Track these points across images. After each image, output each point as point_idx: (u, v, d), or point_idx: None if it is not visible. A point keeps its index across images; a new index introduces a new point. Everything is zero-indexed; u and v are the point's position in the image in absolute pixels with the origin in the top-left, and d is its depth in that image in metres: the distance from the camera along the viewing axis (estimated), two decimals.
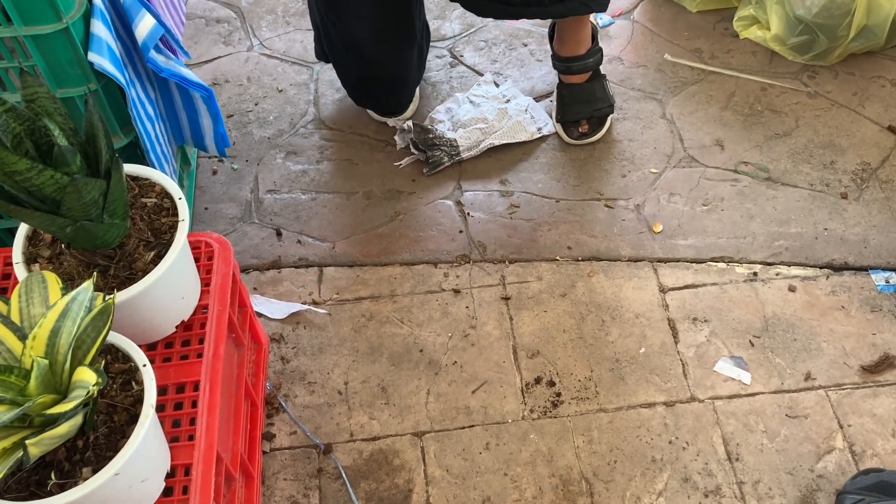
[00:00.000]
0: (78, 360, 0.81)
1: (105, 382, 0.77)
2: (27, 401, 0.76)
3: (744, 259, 1.50)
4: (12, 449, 0.76)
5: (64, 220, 0.88)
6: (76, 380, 0.79)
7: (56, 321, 0.80)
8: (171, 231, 0.99)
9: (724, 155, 1.66)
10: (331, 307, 1.45)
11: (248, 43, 1.90)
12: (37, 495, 0.80)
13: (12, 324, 0.81)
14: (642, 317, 1.42)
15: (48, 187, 0.85)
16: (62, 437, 0.78)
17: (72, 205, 0.86)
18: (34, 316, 0.84)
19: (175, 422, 0.99)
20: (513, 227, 1.55)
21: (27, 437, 0.75)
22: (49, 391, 0.79)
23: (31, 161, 0.83)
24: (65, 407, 0.75)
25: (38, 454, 0.76)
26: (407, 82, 1.67)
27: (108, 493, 0.83)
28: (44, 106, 0.87)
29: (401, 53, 1.61)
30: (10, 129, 0.86)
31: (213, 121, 1.34)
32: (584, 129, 1.66)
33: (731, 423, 1.29)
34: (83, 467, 0.82)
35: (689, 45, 1.87)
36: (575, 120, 1.66)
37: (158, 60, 1.18)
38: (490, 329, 1.41)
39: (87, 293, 0.81)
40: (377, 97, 1.69)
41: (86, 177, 0.86)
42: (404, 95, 1.69)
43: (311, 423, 1.30)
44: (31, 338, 0.80)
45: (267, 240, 1.54)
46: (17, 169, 0.82)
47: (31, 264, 0.97)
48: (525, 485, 1.24)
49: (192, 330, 1.07)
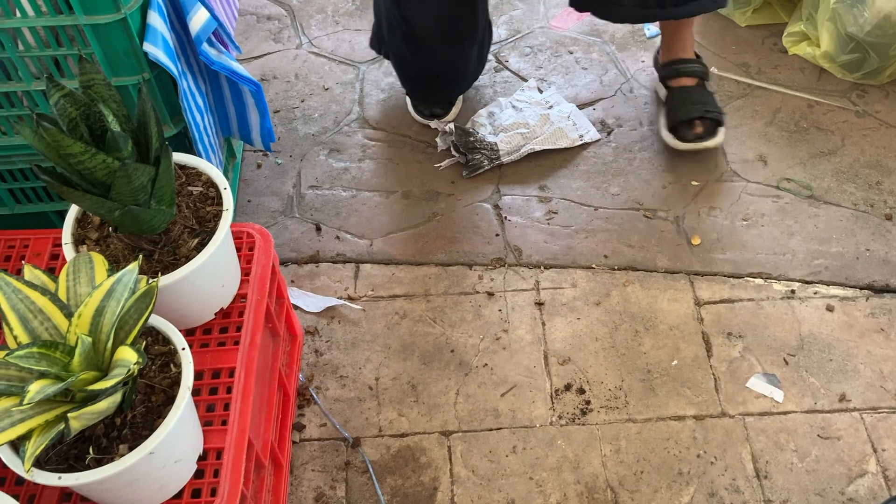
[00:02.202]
0: (120, 340, 0.83)
1: (145, 363, 0.79)
2: (70, 376, 0.78)
3: (782, 276, 1.48)
4: (54, 422, 0.79)
5: (113, 204, 0.90)
6: (117, 358, 0.82)
7: (101, 301, 0.83)
8: (216, 220, 1.01)
9: (767, 170, 1.64)
10: (366, 303, 1.46)
11: (297, 41, 1.93)
12: (74, 468, 0.83)
13: (59, 301, 0.84)
14: (676, 329, 1.41)
15: (100, 171, 0.88)
16: (102, 413, 0.80)
17: (121, 189, 0.89)
18: (80, 295, 0.87)
19: (209, 406, 1.01)
20: (550, 232, 1.55)
21: (69, 411, 0.78)
22: (91, 368, 0.81)
23: (86, 145, 0.86)
24: (106, 384, 0.77)
25: (79, 428, 0.78)
26: (464, 79, 1.69)
27: (142, 470, 0.85)
28: (99, 92, 0.90)
29: (461, 49, 1.62)
30: (67, 113, 0.89)
31: (260, 115, 1.37)
32: (699, 131, 1.61)
33: (760, 441, 1.28)
34: (120, 444, 0.84)
35: (736, 59, 1.86)
36: (688, 119, 1.61)
37: (210, 53, 1.21)
38: (522, 333, 1.42)
39: (131, 275, 0.83)
40: (432, 91, 1.70)
41: (136, 163, 0.89)
42: (459, 92, 1.71)
43: (341, 417, 1.32)
44: (77, 316, 0.82)
45: (306, 234, 1.56)
46: (72, 152, 0.85)
47: (79, 245, 1.00)
48: (550, 490, 1.24)
49: (231, 318, 1.09)
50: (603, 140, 1.70)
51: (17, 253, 1.17)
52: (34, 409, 0.78)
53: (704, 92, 1.66)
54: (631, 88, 1.79)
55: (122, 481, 0.85)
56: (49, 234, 1.19)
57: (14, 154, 1.21)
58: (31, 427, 0.77)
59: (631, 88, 1.79)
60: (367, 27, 1.94)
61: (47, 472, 0.81)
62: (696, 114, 1.62)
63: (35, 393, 0.74)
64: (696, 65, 1.67)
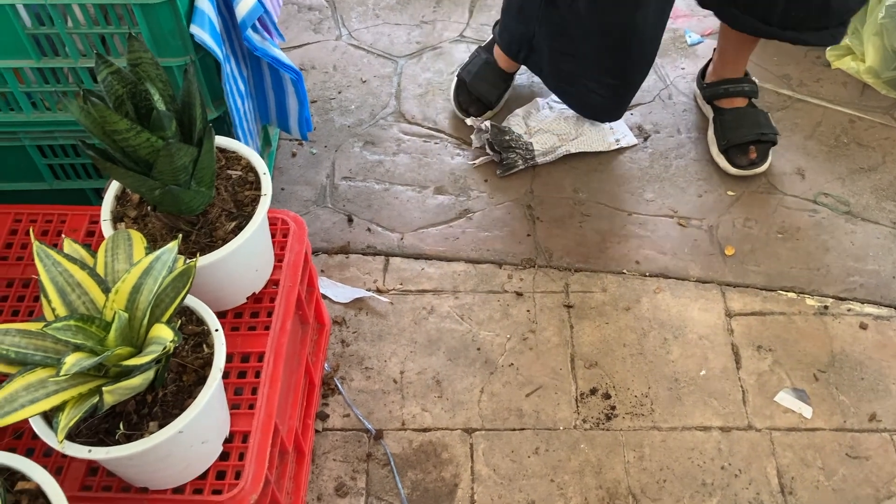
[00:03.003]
0: (155, 318, 0.83)
1: (180, 341, 0.80)
2: (105, 351, 0.79)
3: (815, 291, 1.46)
4: (87, 395, 0.79)
5: (154, 183, 0.91)
6: (152, 336, 0.82)
7: (139, 278, 0.83)
8: (253, 204, 1.01)
9: (805, 184, 1.62)
10: (394, 297, 1.46)
11: (337, 32, 1.93)
12: (104, 443, 0.84)
13: (97, 276, 0.85)
14: (706, 339, 1.40)
15: (143, 149, 0.88)
16: (135, 389, 0.81)
17: (163, 168, 0.90)
18: (118, 271, 0.87)
19: (237, 390, 1.02)
20: (581, 235, 1.54)
21: (102, 385, 0.78)
22: (125, 344, 0.81)
23: (131, 122, 0.86)
24: (141, 360, 0.78)
25: (112, 402, 0.79)
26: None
27: (170, 449, 0.85)
28: (147, 71, 0.90)
29: (655, 54, 1.56)
30: (114, 90, 0.89)
31: (299, 104, 1.37)
32: (753, 157, 1.60)
33: (787, 456, 1.27)
34: (150, 421, 0.85)
35: (777, 70, 1.84)
36: (742, 143, 1.60)
37: (254, 39, 1.21)
38: (549, 335, 1.41)
39: (170, 254, 0.84)
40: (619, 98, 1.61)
41: (179, 143, 0.89)
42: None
43: (365, 408, 1.32)
44: (114, 291, 0.83)
45: (338, 225, 1.56)
46: (118, 128, 0.86)
47: (118, 223, 1.00)
48: (571, 493, 1.23)
49: (262, 303, 1.09)
50: (639, 145, 1.68)
51: (55, 228, 1.18)
52: (68, 382, 0.79)
53: (757, 112, 1.64)
54: (670, 95, 1.78)
55: (151, 458, 0.85)
56: (86, 210, 1.20)
57: (56, 130, 1.23)
58: (64, 399, 0.78)
59: (670, 95, 1.78)
60: (408, 21, 1.94)
61: (78, 444, 0.82)
62: (751, 137, 1.60)
63: (71, 365, 0.75)
64: (746, 84, 1.64)
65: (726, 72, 1.66)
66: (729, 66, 1.65)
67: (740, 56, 1.64)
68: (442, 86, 1.80)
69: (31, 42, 1.10)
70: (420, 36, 1.91)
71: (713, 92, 1.67)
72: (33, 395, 0.77)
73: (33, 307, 1.10)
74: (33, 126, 1.21)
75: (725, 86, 1.65)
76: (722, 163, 1.62)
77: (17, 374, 0.78)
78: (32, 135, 1.24)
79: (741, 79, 1.65)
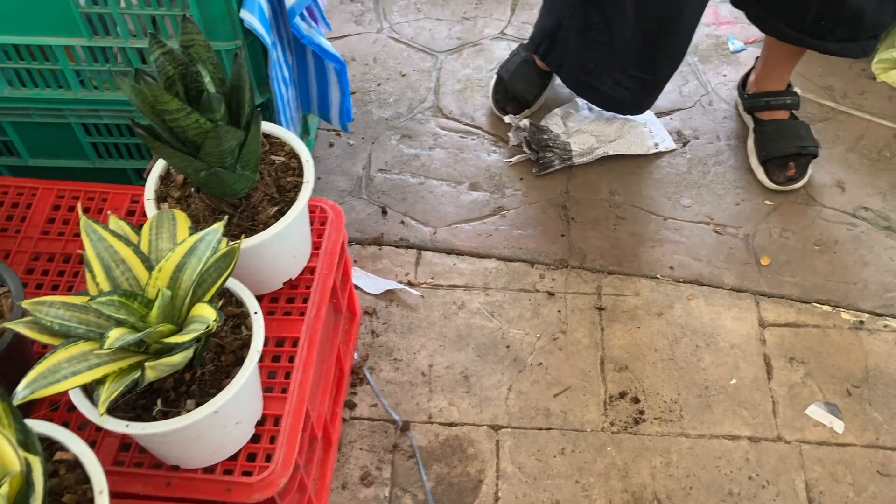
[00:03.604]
0: (197, 297, 0.84)
1: (222, 321, 0.80)
2: (147, 327, 0.80)
3: (851, 306, 1.45)
4: (127, 370, 0.80)
5: (200, 164, 0.92)
6: (194, 315, 0.83)
7: (183, 257, 0.84)
8: (295, 190, 1.02)
9: (844, 197, 1.60)
10: (425, 290, 1.46)
11: (379, 25, 1.93)
12: (141, 418, 0.85)
13: (141, 253, 0.85)
14: (737, 348, 1.39)
15: (192, 130, 0.89)
16: (175, 366, 0.81)
17: (210, 150, 0.90)
18: (161, 250, 0.88)
19: (271, 373, 1.02)
20: (616, 238, 1.53)
21: (144, 361, 0.79)
22: (167, 322, 0.82)
23: (182, 103, 0.87)
24: (183, 338, 0.79)
25: (152, 378, 0.79)
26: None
27: (205, 428, 0.86)
28: (199, 53, 0.91)
29: (686, 49, 1.56)
30: (165, 70, 0.90)
31: (341, 94, 1.38)
32: (791, 173, 1.58)
33: (816, 470, 1.25)
34: (187, 399, 0.85)
35: (821, 81, 1.82)
36: (782, 156, 1.58)
37: (301, 27, 1.22)
38: (580, 336, 1.40)
39: (215, 235, 0.84)
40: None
41: (227, 125, 0.90)
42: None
43: (392, 399, 1.32)
44: (158, 269, 0.84)
45: (372, 216, 1.57)
46: (168, 108, 0.86)
47: (161, 203, 1.01)
48: (596, 495, 1.23)
49: (298, 289, 1.10)
50: (678, 150, 1.67)
51: (96, 205, 1.20)
52: (110, 356, 0.80)
53: (798, 125, 1.62)
54: (710, 101, 1.77)
55: (185, 436, 0.86)
56: (128, 189, 1.21)
57: (102, 108, 1.24)
58: (105, 373, 0.79)
59: (710, 101, 1.77)
60: (449, 17, 1.94)
61: (116, 419, 0.83)
62: (791, 150, 1.58)
63: (115, 339, 0.76)
64: (789, 97, 1.62)
65: (769, 84, 1.64)
66: (772, 79, 1.63)
67: (785, 69, 1.62)
68: (481, 82, 1.80)
69: (83, 20, 1.11)
70: (461, 32, 1.91)
71: (754, 104, 1.65)
72: (75, 368, 0.78)
73: (73, 282, 1.12)
74: (80, 104, 1.23)
75: (767, 98, 1.63)
76: (760, 175, 1.61)
77: (60, 345, 0.79)
78: (79, 113, 1.25)
79: (783, 91, 1.63)
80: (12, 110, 1.25)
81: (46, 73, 1.20)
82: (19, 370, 0.78)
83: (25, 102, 1.23)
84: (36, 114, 1.25)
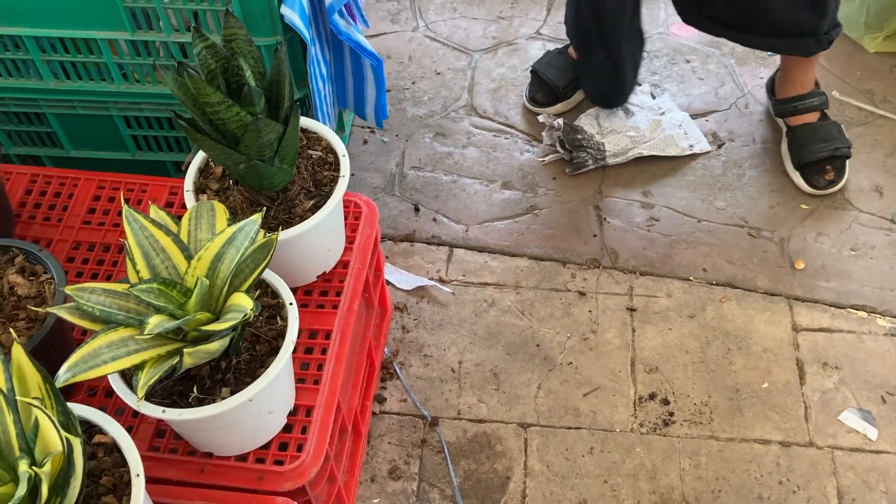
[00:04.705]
0: (234, 287, 0.86)
1: (259, 310, 0.82)
2: (185, 315, 0.81)
3: (887, 312, 1.43)
4: (165, 357, 0.82)
5: (240, 157, 0.93)
6: (231, 304, 0.84)
7: (221, 247, 0.86)
8: (331, 185, 1.03)
9: (882, 202, 1.58)
10: (456, 287, 1.47)
11: (414, 23, 1.95)
12: (177, 404, 0.86)
13: (181, 243, 0.87)
14: (770, 352, 1.37)
15: (232, 123, 0.90)
16: (212, 353, 0.83)
17: (250, 143, 0.92)
18: (200, 240, 0.90)
19: (303, 365, 1.04)
20: (649, 239, 1.53)
21: (182, 348, 0.80)
22: (205, 310, 0.84)
23: (223, 96, 0.88)
24: (220, 326, 0.80)
25: (190, 365, 0.81)
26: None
27: (238, 416, 0.88)
28: (241, 47, 0.93)
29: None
30: (207, 64, 0.92)
31: (377, 91, 1.39)
32: (830, 177, 1.56)
33: (848, 476, 1.24)
34: (223, 387, 0.87)
35: (860, 85, 1.79)
36: (817, 160, 1.56)
37: (340, 24, 1.23)
38: (610, 337, 1.40)
39: (253, 226, 0.86)
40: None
41: (267, 119, 0.91)
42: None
43: (422, 394, 1.33)
44: (196, 258, 0.85)
45: (405, 213, 1.58)
46: (210, 101, 0.88)
47: (200, 194, 1.03)
48: (623, 496, 1.22)
49: (331, 282, 1.11)
50: (713, 152, 1.66)
51: (136, 197, 1.22)
52: (149, 343, 0.81)
53: (829, 126, 1.60)
54: (746, 104, 1.75)
55: (219, 423, 0.88)
56: (166, 181, 1.24)
57: (143, 101, 1.26)
58: (144, 359, 0.81)
59: (746, 104, 1.75)
60: (485, 16, 1.95)
61: (153, 404, 0.84)
62: (825, 153, 1.56)
63: (154, 325, 0.77)
64: (815, 99, 1.60)
65: (793, 89, 1.62)
66: (795, 84, 1.61)
67: (805, 73, 1.60)
68: (515, 82, 1.80)
69: (127, 15, 1.13)
70: (496, 31, 1.91)
71: (783, 109, 1.63)
72: (115, 353, 0.80)
73: (111, 271, 1.14)
74: (122, 97, 1.25)
75: (794, 103, 1.61)
76: (797, 180, 1.59)
77: (100, 331, 0.81)
78: (120, 105, 1.28)
79: (809, 94, 1.61)
80: (57, 102, 1.28)
81: (91, 66, 1.23)
82: (60, 355, 0.80)
83: (70, 95, 1.26)
84: (79, 106, 1.28)
